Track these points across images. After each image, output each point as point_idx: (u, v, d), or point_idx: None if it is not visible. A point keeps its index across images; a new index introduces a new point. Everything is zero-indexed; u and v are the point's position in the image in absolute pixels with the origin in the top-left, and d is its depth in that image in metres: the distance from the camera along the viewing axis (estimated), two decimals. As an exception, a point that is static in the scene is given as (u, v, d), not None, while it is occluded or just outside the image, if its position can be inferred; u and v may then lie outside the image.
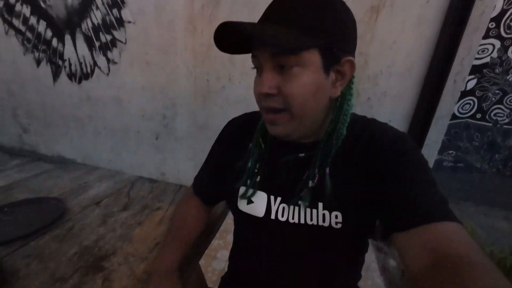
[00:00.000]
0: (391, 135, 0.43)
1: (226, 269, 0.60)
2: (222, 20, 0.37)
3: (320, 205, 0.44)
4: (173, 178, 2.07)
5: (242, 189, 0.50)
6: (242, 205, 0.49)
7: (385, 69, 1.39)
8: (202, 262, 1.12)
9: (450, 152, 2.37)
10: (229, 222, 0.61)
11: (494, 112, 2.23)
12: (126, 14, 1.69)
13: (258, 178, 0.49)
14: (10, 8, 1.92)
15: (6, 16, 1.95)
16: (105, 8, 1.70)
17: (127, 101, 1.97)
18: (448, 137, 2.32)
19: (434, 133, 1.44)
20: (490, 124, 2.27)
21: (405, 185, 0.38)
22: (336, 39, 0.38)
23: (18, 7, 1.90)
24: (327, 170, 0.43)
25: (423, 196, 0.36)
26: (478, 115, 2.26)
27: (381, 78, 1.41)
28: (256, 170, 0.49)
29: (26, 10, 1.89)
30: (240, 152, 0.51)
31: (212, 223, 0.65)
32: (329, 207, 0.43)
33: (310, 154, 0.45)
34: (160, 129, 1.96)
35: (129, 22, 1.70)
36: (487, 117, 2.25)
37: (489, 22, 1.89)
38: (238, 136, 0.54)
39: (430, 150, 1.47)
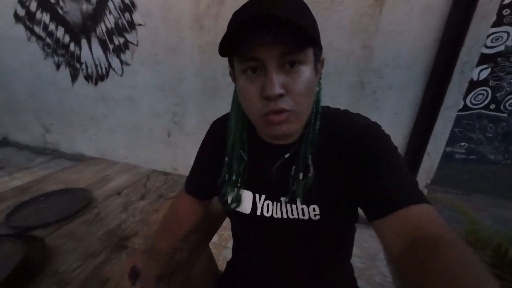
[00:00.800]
0: (360, 126, 0.44)
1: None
2: (228, 18, 0.39)
3: (298, 200, 0.45)
4: (186, 173, 2.17)
5: (230, 196, 0.51)
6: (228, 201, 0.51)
7: (390, 62, 1.39)
8: (213, 251, 1.19)
9: (462, 144, 2.32)
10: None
11: (510, 102, 2.16)
12: (136, 17, 1.77)
13: (241, 179, 0.50)
14: (31, 16, 2.05)
15: (28, 23, 2.09)
16: (118, 12, 1.79)
17: (139, 100, 2.07)
18: (459, 129, 2.27)
19: (441, 124, 1.43)
20: (505, 115, 2.20)
21: (376, 174, 0.40)
22: (319, 37, 0.39)
23: (38, 14, 2.02)
24: (310, 158, 0.45)
25: (393, 183, 0.38)
26: (492, 106, 2.19)
27: (386, 70, 1.42)
28: (239, 183, 0.50)
29: (46, 17, 2.01)
30: (225, 153, 0.52)
31: (217, 215, 0.70)
32: (306, 201, 0.45)
33: (295, 151, 0.46)
34: (171, 126, 2.05)
35: (140, 24, 1.78)
36: (501, 107, 2.18)
37: (503, 9, 1.82)
38: (222, 137, 0.53)
39: (438, 142, 1.47)
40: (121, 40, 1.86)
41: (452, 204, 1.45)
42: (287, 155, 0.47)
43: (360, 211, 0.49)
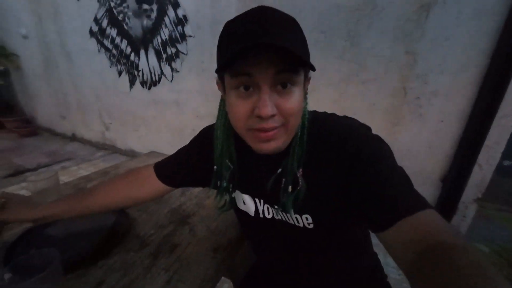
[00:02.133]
0: (343, 132, 0.42)
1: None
2: None
3: (291, 210, 0.45)
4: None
5: (237, 194, 0.54)
6: (240, 204, 0.54)
7: (436, 67, 1.35)
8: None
9: (523, 157, 2.07)
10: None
11: None
12: (188, 29, 1.99)
13: (241, 185, 0.52)
14: (102, 31, 2.42)
15: (99, 37, 2.47)
16: (172, 26, 2.03)
17: (184, 103, 2.28)
18: (520, 140, 2.03)
19: (495, 134, 1.33)
20: None
21: (368, 184, 0.38)
22: (309, 58, 0.40)
23: (108, 30, 2.39)
24: (300, 171, 0.44)
25: (390, 191, 0.36)
26: None
27: (431, 76, 1.37)
28: (230, 189, 0.52)
29: (114, 32, 2.36)
30: (208, 161, 0.53)
31: None
32: (299, 211, 0.45)
33: (284, 166, 0.46)
34: (212, 128, 2.21)
35: (190, 36, 1.99)
36: None
37: None
38: (208, 145, 0.53)
39: (491, 153, 1.36)
40: (173, 50, 2.10)
41: (506, 220, 1.32)
42: (279, 171, 0.46)
43: None
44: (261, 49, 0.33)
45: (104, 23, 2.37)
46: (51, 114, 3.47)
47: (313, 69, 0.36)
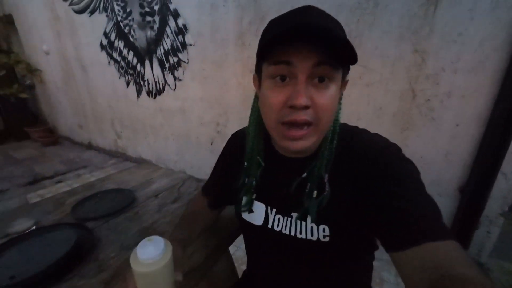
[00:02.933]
0: (376, 148, 0.42)
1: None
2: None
3: (309, 218, 0.44)
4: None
5: (244, 200, 0.53)
6: (245, 213, 0.53)
7: (448, 66, 1.21)
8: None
9: None
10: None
11: None
12: (188, 38, 2.00)
13: (256, 192, 0.51)
14: (111, 44, 2.53)
15: (109, 50, 2.58)
16: (173, 36, 2.05)
17: (189, 111, 2.29)
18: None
19: (522, 138, 1.16)
20: None
21: (391, 202, 0.36)
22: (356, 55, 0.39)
23: (116, 43, 2.48)
24: (326, 177, 0.44)
25: (415, 213, 0.34)
26: None
27: (443, 76, 1.24)
28: (253, 189, 0.51)
29: (121, 44, 2.45)
30: (241, 166, 0.53)
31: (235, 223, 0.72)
32: (317, 220, 0.44)
33: (310, 170, 0.45)
34: (214, 135, 2.20)
35: (191, 44, 2.00)
36: None
37: None
38: (241, 149, 0.54)
39: (518, 159, 1.19)
40: (175, 59, 2.12)
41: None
42: (304, 175, 0.46)
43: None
44: (303, 35, 0.33)
45: (113, 36, 2.47)
46: (71, 123, 3.68)
47: (354, 61, 0.36)
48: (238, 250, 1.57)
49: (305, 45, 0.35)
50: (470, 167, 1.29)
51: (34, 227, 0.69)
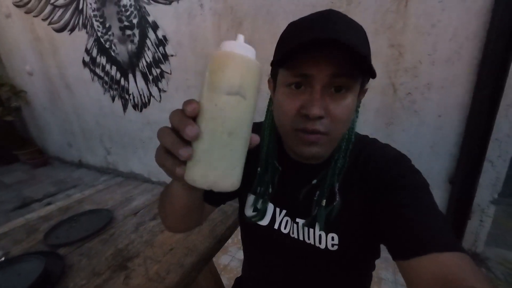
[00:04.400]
0: (387, 158, 0.43)
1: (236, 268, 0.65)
2: (246, 39, 0.39)
3: (317, 225, 0.44)
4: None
5: (250, 198, 0.51)
6: (248, 210, 0.52)
7: (425, 58, 1.22)
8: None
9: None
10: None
11: None
12: (169, 49, 1.99)
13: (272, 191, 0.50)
14: (93, 60, 2.50)
15: (91, 66, 2.55)
16: (154, 47, 2.04)
17: (176, 122, 2.27)
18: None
19: (505, 124, 1.17)
20: None
21: (402, 211, 0.36)
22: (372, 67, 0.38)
23: (98, 58, 2.46)
24: (337, 186, 0.44)
25: (424, 223, 0.35)
26: None
27: (421, 68, 1.24)
28: (267, 196, 0.49)
29: (103, 60, 2.42)
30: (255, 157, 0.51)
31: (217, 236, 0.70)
32: (325, 229, 0.44)
33: (321, 178, 0.45)
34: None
35: (172, 55, 1.99)
36: None
37: None
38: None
39: (502, 146, 1.19)
40: (158, 70, 2.10)
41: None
42: (314, 181, 0.46)
43: (382, 247, 0.46)
44: (322, 47, 0.32)
45: (94, 52, 2.44)
46: (60, 143, 3.62)
47: (373, 76, 0.35)
48: (233, 260, 1.53)
49: (324, 56, 0.34)
50: (457, 158, 1.28)
51: (3, 258, 0.66)
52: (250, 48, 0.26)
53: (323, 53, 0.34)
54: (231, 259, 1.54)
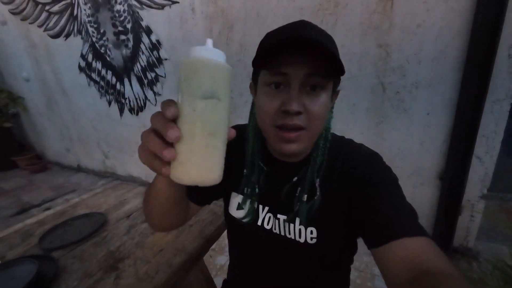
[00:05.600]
0: (362, 157, 0.47)
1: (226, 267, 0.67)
2: (238, 41, 0.44)
3: (297, 220, 0.47)
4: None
5: (235, 196, 0.53)
6: (232, 209, 0.54)
7: (412, 58, 1.24)
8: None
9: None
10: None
11: None
12: (163, 53, 2.01)
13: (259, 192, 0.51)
14: (89, 66, 2.52)
15: (87, 71, 2.57)
16: (148, 52, 2.06)
17: (172, 125, 2.29)
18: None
19: (491, 121, 1.19)
20: None
21: (375, 204, 0.40)
22: (343, 68, 0.40)
23: (94, 63, 2.48)
24: (317, 182, 0.46)
25: (394, 213, 0.39)
26: None
27: (409, 68, 1.26)
28: (255, 196, 0.51)
29: (99, 65, 2.44)
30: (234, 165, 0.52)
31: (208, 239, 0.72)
32: (306, 223, 0.46)
33: (302, 175, 0.48)
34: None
35: (166, 59, 2.01)
36: None
37: None
38: (242, 144, 0.53)
39: (489, 142, 1.21)
40: (153, 74, 2.12)
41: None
42: (295, 179, 0.48)
43: (359, 242, 0.49)
44: (297, 47, 0.37)
45: (90, 57, 2.47)
46: (58, 148, 3.64)
47: (343, 73, 0.39)
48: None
49: (298, 57, 0.38)
50: (446, 154, 1.31)
51: (-1, 262, 0.68)
52: (219, 52, 0.28)
53: (299, 53, 0.37)
54: (227, 259, 1.55)
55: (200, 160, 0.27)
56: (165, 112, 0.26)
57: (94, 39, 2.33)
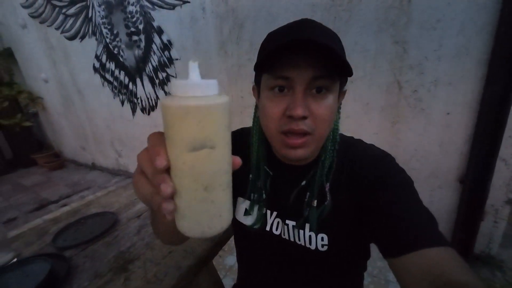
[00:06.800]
0: (372, 158, 0.44)
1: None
2: (248, 40, 0.42)
3: (307, 226, 0.45)
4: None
5: (241, 201, 0.52)
6: (239, 215, 0.53)
7: (431, 54, 1.18)
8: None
9: None
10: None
11: None
12: (174, 53, 2.02)
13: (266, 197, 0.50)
14: (103, 66, 2.59)
15: (101, 72, 2.64)
16: (160, 52, 2.08)
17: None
18: None
19: (518, 121, 1.11)
20: None
21: (389, 210, 0.37)
22: (351, 68, 0.38)
23: (107, 64, 2.54)
24: (327, 186, 0.44)
25: (411, 220, 0.36)
26: None
27: (427, 65, 1.20)
28: (263, 202, 0.49)
29: (112, 65, 2.50)
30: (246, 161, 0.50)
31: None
32: (316, 229, 0.44)
33: (310, 179, 0.46)
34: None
35: (177, 59, 2.02)
36: None
37: None
38: (244, 144, 0.51)
39: (516, 144, 1.13)
40: (164, 74, 2.15)
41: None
42: (303, 183, 0.46)
43: (372, 246, 0.46)
44: (300, 49, 0.34)
45: (104, 58, 2.53)
46: (74, 146, 3.77)
47: (350, 74, 0.37)
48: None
49: (302, 59, 0.36)
50: (468, 156, 1.23)
51: (15, 259, 0.69)
52: (208, 84, 0.22)
53: (302, 55, 0.35)
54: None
55: (200, 215, 0.24)
56: (155, 163, 0.21)
57: (108, 40, 2.39)
